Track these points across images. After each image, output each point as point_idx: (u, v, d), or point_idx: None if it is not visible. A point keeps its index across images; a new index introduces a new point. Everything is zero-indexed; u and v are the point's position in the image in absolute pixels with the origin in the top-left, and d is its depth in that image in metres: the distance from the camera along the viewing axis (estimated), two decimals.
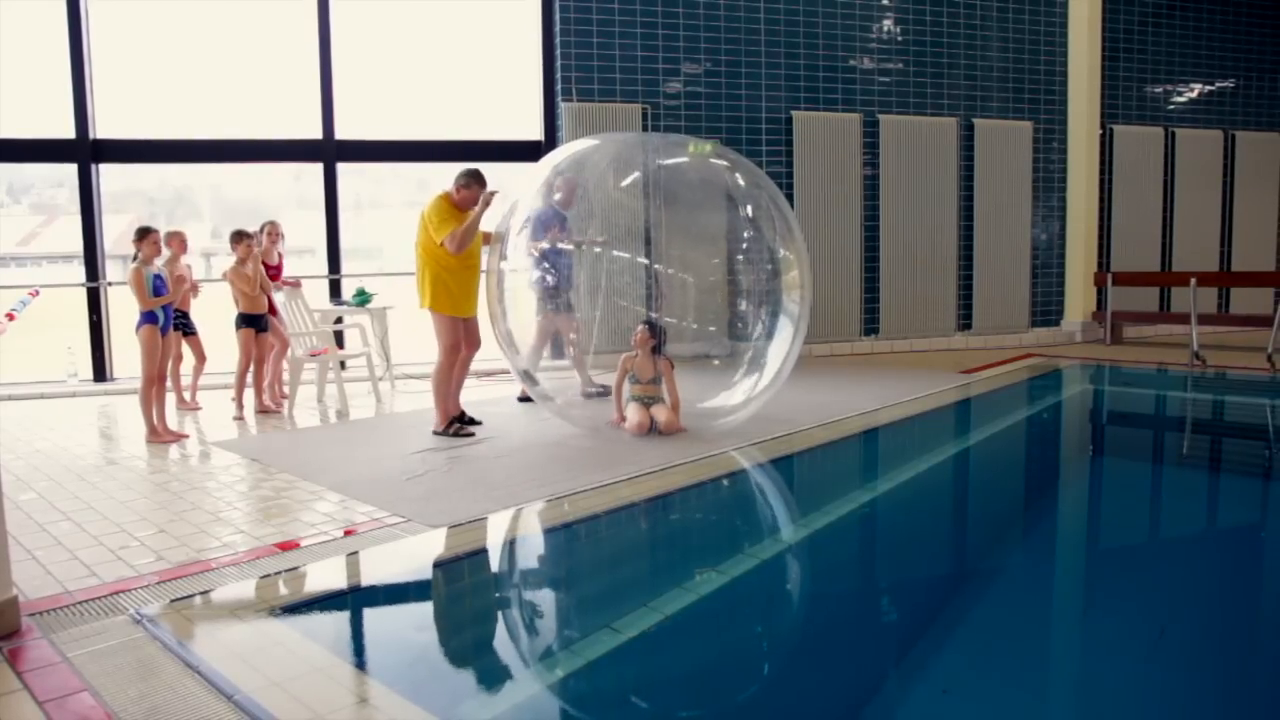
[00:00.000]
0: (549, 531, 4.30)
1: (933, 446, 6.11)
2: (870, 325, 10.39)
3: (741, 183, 6.01)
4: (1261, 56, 12.13)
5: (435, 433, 5.98)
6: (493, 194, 5.74)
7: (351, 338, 8.57)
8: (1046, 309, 11.28)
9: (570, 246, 6.36)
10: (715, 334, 6.20)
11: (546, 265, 6.30)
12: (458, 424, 6.03)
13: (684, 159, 6.11)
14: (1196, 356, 8.61)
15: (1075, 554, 4.14)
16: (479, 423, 6.28)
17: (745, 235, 6.02)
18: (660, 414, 5.73)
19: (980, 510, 4.88)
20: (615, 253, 6.59)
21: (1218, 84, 11.96)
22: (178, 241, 7.01)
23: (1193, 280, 9.39)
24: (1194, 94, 11.88)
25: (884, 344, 10.38)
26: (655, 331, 5.72)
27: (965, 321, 10.80)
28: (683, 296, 6.35)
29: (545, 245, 6.19)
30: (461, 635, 3.07)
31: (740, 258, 6.05)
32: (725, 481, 4.84)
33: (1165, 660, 2.81)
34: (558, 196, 6.47)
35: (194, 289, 7.11)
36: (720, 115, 9.57)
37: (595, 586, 3.69)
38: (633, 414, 5.75)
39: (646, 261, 6.67)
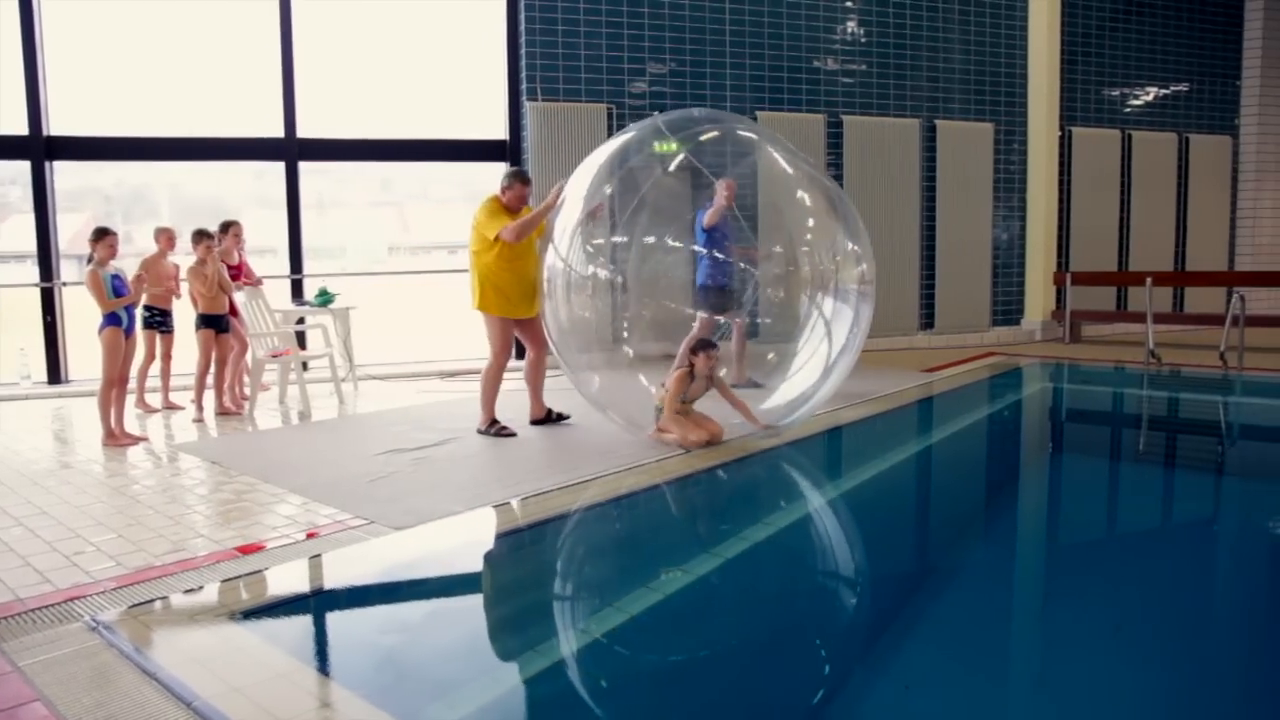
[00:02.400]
0: (514, 532, 4.28)
1: (896, 444, 6.17)
2: (797, 323, 10.44)
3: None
4: (1213, 62, 12.38)
5: (479, 431, 5.98)
6: (561, 187, 5.70)
7: (314, 338, 8.48)
8: (1007, 308, 11.43)
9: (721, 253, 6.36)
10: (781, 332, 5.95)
11: (711, 268, 6.36)
12: (500, 425, 5.99)
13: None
14: (1152, 354, 8.77)
15: (1035, 549, 4.20)
16: (568, 417, 6.24)
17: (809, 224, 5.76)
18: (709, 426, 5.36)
19: (942, 507, 4.93)
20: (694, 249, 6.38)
21: (1172, 88, 12.20)
22: (165, 238, 6.91)
23: (1148, 280, 9.56)
24: (1149, 97, 12.10)
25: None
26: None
27: (927, 321, 10.91)
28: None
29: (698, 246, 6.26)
30: (427, 638, 3.05)
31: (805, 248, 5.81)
32: (691, 481, 4.85)
33: (1123, 654, 2.85)
34: (722, 197, 6.49)
35: (175, 288, 7.00)
36: None
37: (561, 587, 3.68)
38: (686, 429, 5.29)
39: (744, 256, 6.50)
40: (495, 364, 5.95)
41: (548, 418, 6.20)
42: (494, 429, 5.93)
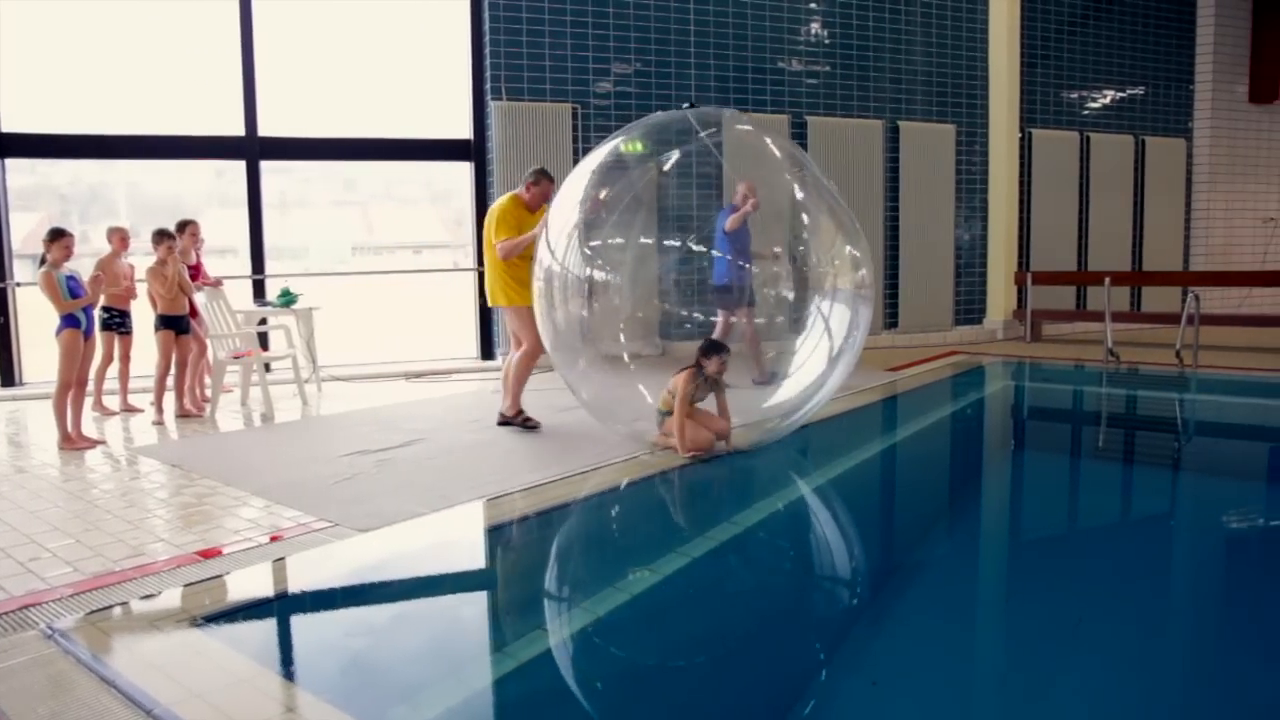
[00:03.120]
0: (480, 533, 4.26)
1: (861, 443, 6.22)
2: (798, 324, 10.51)
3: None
4: (1167, 66, 12.62)
5: (505, 418, 5.97)
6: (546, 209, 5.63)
7: (276, 339, 8.38)
8: (969, 308, 11.57)
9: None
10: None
11: (730, 269, 6.41)
12: (525, 415, 5.99)
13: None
14: (1111, 353, 8.92)
15: (999, 545, 4.25)
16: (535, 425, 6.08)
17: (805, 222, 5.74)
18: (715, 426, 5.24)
19: (908, 504, 4.98)
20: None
21: (1128, 91, 12.41)
22: (119, 238, 6.79)
23: (1107, 280, 9.72)
24: (1106, 100, 12.31)
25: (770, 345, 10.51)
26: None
27: (891, 320, 11.02)
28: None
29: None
30: (392, 640, 3.03)
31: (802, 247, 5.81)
32: (656, 480, 4.85)
33: (1083, 649, 2.90)
34: (742, 199, 6.57)
35: (132, 289, 6.88)
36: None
37: (527, 588, 3.67)
38: (692, 432, 5.12)
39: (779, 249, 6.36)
40: (529, 353, 5.88)
41: (518, 416, 6.13)
42: (520, 419, 5.92)
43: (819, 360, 5.31)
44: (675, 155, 5.89)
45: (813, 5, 10.36)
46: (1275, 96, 12.97)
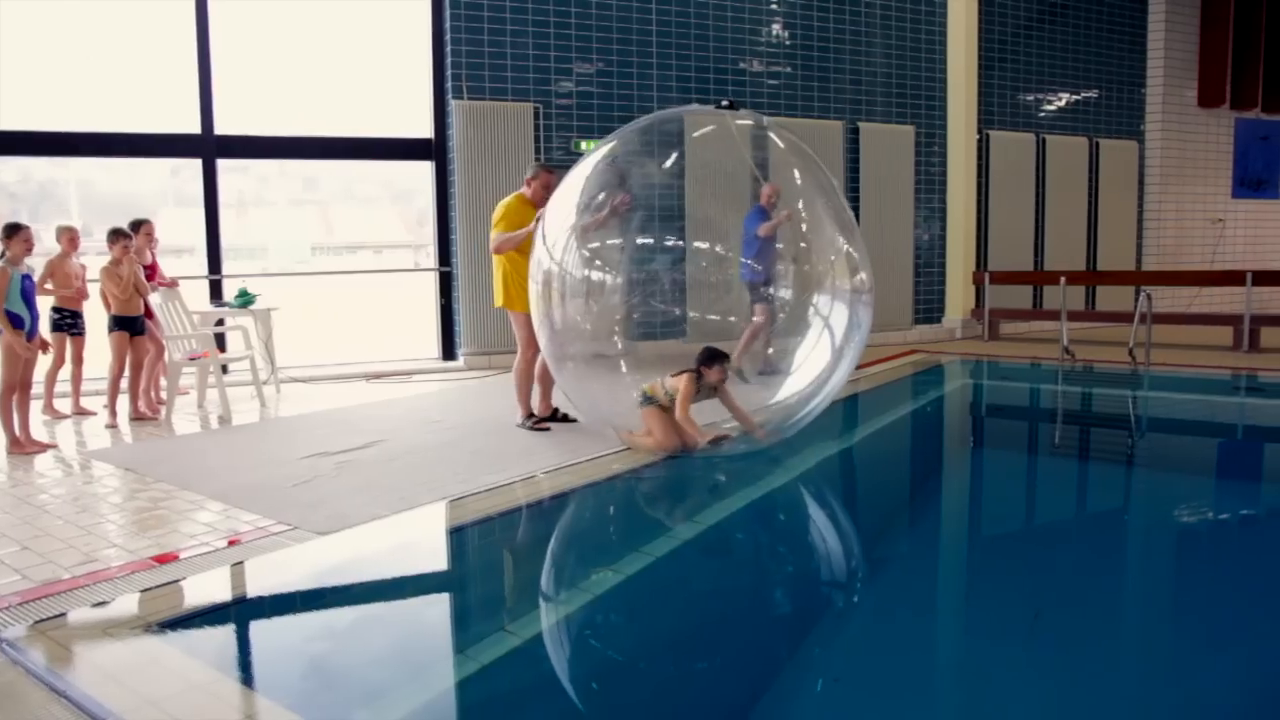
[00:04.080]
0: (442, 535, 4.24)
1: (823, 441, 6.26)
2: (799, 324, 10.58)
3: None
4: (1120, 70, 12.87)
5: (517, 425, 5.95)
6: (541, 215, 5.50)
7: (234, 340, 8.26)
8: (928, 307, 11.71)
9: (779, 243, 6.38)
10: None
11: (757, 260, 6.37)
12: (536, 419, 5.95)
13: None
14: (1066, 351, 9.07)
15: (959, 540, 4.31)
16: (574, 420, 6.05)
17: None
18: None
19: (870, 500, 5.03)
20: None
21: (1083, 94, 12.63)
22: (68, 238, 6.64)
23: (1062, 279, 9.88)
24: (1061, 103, 12.52)
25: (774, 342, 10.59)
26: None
27: None
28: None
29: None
30: (352, 644, 3.00)
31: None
32: (619, 481, 4.86)
33: (1042, 644, 2.95)
34: (768, 200, 6.62)
35: (84, 289, 6.73)
36: (612, 115, 9.58)
37: (489, 589, 3.66)
38: (669, 434, 5.03)
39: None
40: (524, 359, 5.91)
41: (554, 416, 6.10)
42: (531, 422, 5.90)
43: (818, 362, 5.27)
44: (674, 156, 5.75)
45: (773, 6, 10.42)
46: (1222, 101, 13.29)
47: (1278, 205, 14.54)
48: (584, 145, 9.41)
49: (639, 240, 5.76)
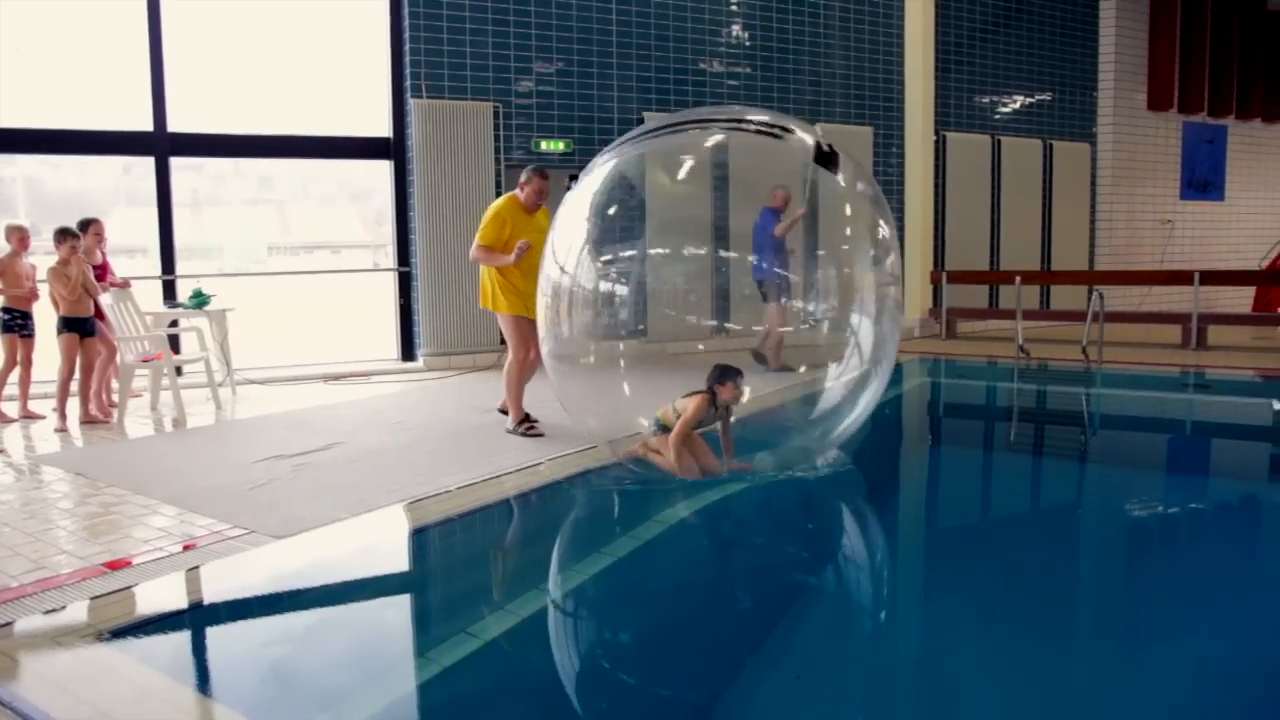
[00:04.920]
0: (401, 537, 4.20)
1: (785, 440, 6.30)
2: (721, 323, 10.61)
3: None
4: (1073, 73, 13.10)
5: (507, 430, 5.85)
6: (525, 246, 5.44)
7: (188, 342, 8.12)
8: None
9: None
10: None
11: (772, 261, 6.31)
12: (529, 423, 5.84)
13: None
14: (1022, 349, 9.22)
15: (917, 535, 4.36)
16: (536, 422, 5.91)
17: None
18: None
19: (830, 497, 5.07)
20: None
21: (1036, 96, 12.85)
22: (18, 237, 6.49)
23: (1018, 279, 10.04)
24: (1016, 105, 12.72)
25: (734, 341, 10.63)
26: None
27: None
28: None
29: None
30: (311, 649, 2.96)
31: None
32: (579, 481, 4.85)
33: (996, 639, 3.00)
34: (783, 202, 6.62)
35: (34, 290, 6.57)
36: (573, 115, 9.58)
37: (449, 591, 3.63)
38: (684, 457, 4.64)
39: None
40: (514, 362, 5.82)
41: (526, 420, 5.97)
42: (523, 428, 5.81)
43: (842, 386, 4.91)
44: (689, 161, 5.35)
45: (733, 7, 10.47)
46: (1170, 105, 13.59)
47: (1223, 207, 14.90)
48: (544, 145, 9.40)
49: (653, 250, 5.50)
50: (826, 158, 4.87)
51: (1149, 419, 7.22)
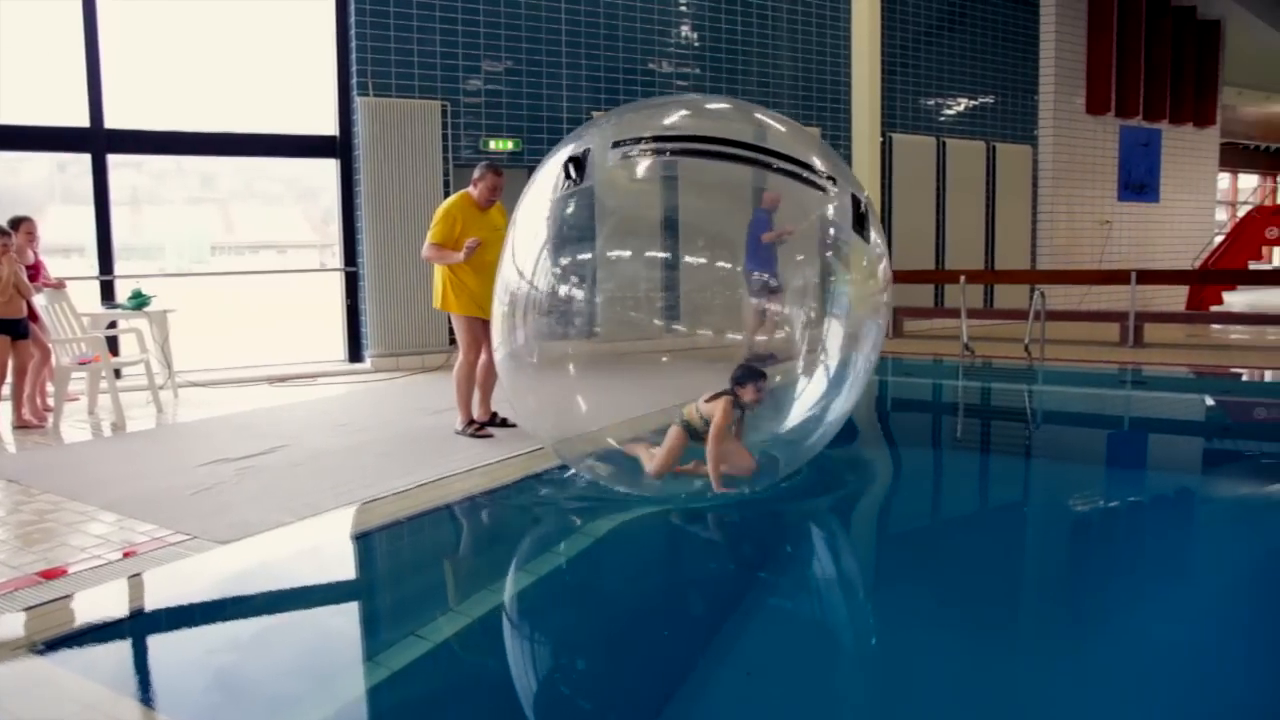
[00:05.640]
0: (348, 541, 4.14)
1: None
2: (670, 323, 10.65)
3: None
4: (1015, 76, 13.38)
5: (456, 432, 5.76)
6: (477, 243, 5.41)
7: (127, 343, 7.92)
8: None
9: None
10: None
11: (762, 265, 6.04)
12: (478, 425, 5.77)
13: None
14: (966, 347, 9.38)
15: (866, 532, 4.42)
16: (513, 425, 5.79)
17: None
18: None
19: (781, 496, 5.11)
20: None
21: (980, 99, 13.09)
22: None
23: (962, 278, 10.22)
24: (961, 107, 12.95)
25: (683, 340, 10.67)
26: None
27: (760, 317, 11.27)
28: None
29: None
30: (257, 656, 2.91)
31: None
32: (525, 483, 4.82)
33: (933, 635, 3.05)
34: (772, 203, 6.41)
35: None
36: (521, 113, 9.53)
37: (398, 595, 3.59)
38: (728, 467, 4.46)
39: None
40: (464, 363, 5.75)
41: (493, 421, 5.95)
42: (470, 429, 5.74)
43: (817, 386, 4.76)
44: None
45: (683, 8, 10.51)
46: (1108, 108, 13.95)
47: (1158, 208, 15.33)
48: (493, 144, 9.34)
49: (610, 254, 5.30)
50: (862, 218, 4.70)
51: (1089, 415, 7.40)
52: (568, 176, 4.52)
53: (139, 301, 7.56)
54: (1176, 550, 3.99)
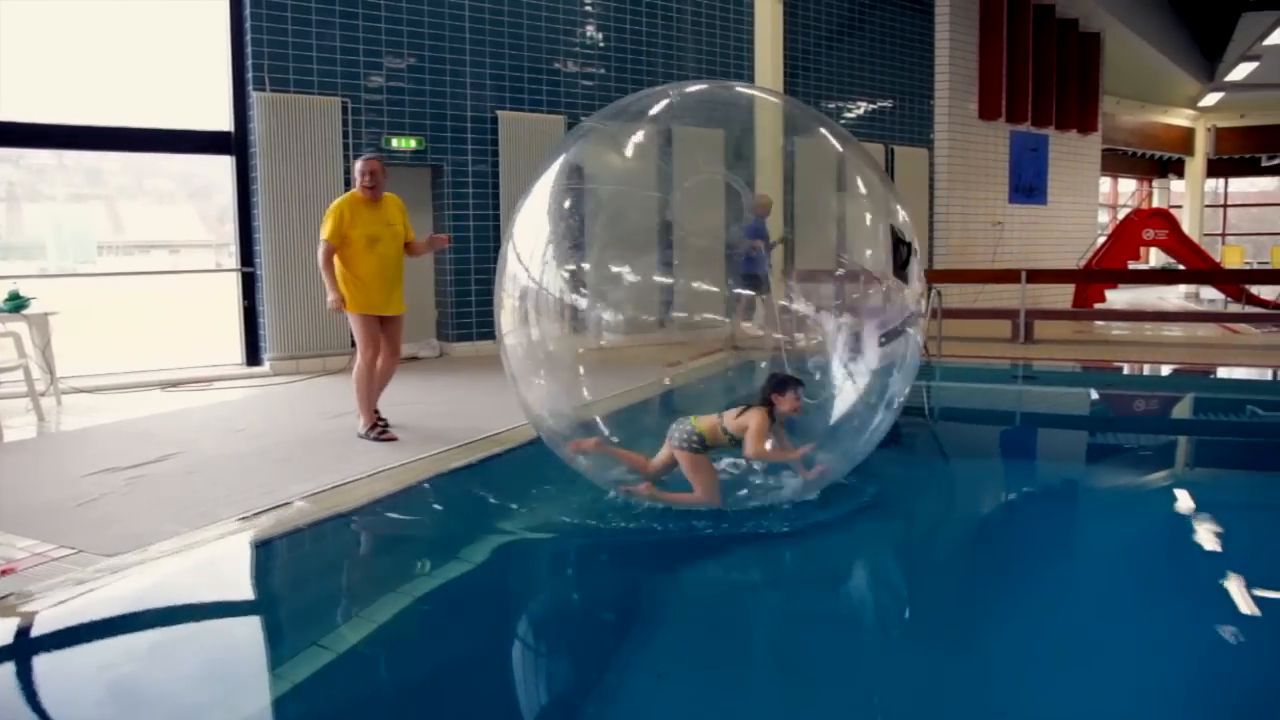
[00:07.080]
0: (246, 550, 4.02)
1: (646, 441, 6.37)
2: (580, 323, 10.65)
3: None
4: (912, 82, 13.81)
5: (359, 435, 5.59)
6: (449, 238, 5.37)
7: (4, 347, 7.51)
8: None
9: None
10: None
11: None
12: (381, 427, 5.60)
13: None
14: None
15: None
16: (395, 439, 5.62)
17: None
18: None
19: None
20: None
21: (879, 103, 13.47)
22: None
23: (862, 278, 10.48)
24: (861, 111, 13.29)
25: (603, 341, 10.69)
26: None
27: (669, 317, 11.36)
28: None
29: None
30: (150, 673, 2.80)
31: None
32: (428, 486, 4.75)
33: (857, 632, 3.13)
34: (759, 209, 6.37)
35: None
36: (425, 112, 9.39)
37: (299, 604, 3.51)
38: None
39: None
40: (363, 363, 5.59)
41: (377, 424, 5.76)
42: (374, 433, 5.58)
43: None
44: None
45: (587, 8, 10.51)
46: (999, 114, 14.52)
47: (1046, 210, 16.04)
48: (395, 142, 9.17)
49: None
50: (904, 263, 4.61)
51: (984, 410, 7.69)
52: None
53: (16, 304, 7.18)
54: (1061, 540, 4.18)
